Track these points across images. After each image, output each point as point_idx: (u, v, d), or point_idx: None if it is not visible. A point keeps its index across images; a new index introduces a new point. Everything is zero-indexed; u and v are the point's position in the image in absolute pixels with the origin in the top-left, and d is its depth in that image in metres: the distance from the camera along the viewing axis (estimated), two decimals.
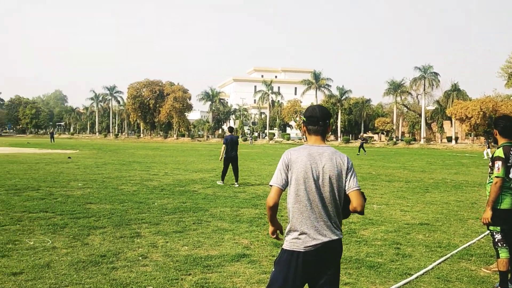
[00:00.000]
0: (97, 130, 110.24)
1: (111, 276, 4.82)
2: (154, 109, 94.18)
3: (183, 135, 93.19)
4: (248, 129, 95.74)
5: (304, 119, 3.05)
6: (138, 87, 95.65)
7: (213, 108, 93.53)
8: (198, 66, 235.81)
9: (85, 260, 5.35)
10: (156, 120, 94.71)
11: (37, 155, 26.86)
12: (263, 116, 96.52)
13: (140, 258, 5.53)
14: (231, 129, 14.40)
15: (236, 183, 13.26)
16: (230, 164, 13.39)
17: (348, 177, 2.92)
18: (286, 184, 2.90)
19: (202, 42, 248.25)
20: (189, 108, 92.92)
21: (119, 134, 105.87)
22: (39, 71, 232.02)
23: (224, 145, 13.35)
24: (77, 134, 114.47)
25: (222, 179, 13.55)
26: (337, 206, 2.92)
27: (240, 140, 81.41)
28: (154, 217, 8.13)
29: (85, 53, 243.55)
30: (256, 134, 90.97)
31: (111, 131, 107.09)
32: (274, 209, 2.88)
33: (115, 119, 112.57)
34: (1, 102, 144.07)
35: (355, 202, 2.88)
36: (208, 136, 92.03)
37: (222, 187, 12.89)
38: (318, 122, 3.00)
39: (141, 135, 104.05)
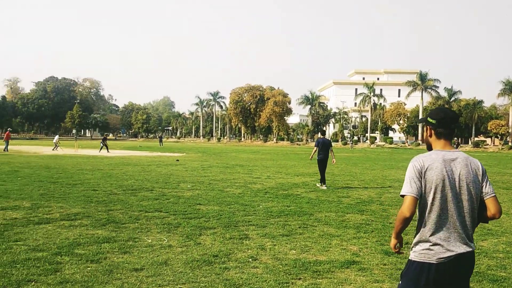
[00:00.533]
0: (201, 134, 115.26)
1: (224, 276, 4.96)
2: (254, 113, 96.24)
3: (282, 139, 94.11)
4: (348, 133, 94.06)
5: (433, 121, 2.87)
6: (239, 92, 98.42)
7: (313, 112, 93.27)
8: (298, 70, 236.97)
9: (199, 259, 5.57)
10: (257, 124, 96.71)
11: (148, 158, 28.71)
12: (364, 119, 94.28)
13: (250, 259, 5.63)
14: (323, 132, 15.90)
15: (319, 183, 13.90)
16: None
17: (484, 183, 2.75)
18: (420, 193, 2.71)
19: (301, 45, 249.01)
20: (289, 112, 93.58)
21: (221, 138, 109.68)
22: (150, 78, 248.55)
23: (315, 147, 14.10)
24: (183, 138, 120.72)
25: (323, 182, 13.74)
26: (473, 216, 2.73)
27: (340, 144, 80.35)
28: (260, 219, 8.25)
29: (191, 61, 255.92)
30: (356, 138, 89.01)
31: (214, 135, 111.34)
32: (408, 221, 2.70)
33: (218, 123, 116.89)
34: (116, 108, 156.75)
35: (493, 209, 2.72)
36: (307, 140, 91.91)
37: (325, 191, 12.76)
38: (450, 125, 2.83)
39: (242, 139, 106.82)
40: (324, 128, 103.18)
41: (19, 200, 9.83)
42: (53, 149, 37.39)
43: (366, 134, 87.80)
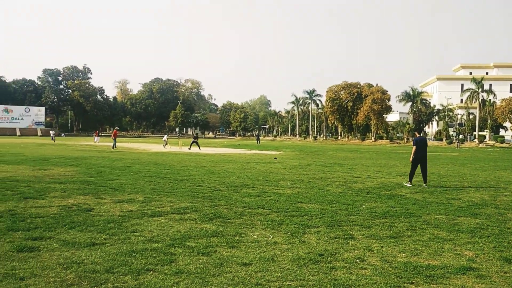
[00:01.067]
0: (297, 133, 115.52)
1: (331, 275, 4.89)
2: (352, 111, 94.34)
3: (381, 137, 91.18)
4: (454, 131, 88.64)
5: None
6: (336, 90, 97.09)
7: (414, 109, 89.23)
8: (399, 66, 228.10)
9: (305, 257, 5.55)
10: (354, 122, 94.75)
11: (247, 156, 29.35)
12: (471, 116, 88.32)
13: (357, 260, 5.50)
14: (420, 130, 15.77)
15: (424, 184, 13.36)
16: (419, 165, 13.51)
17: None
18: None
19: (402, 40, 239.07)
20: (388, 109, 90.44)
21: (318, 136, 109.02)
22: (247, 78, 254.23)
23: (414, 146, 13.48)
24: (279, 136, 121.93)
25: (410, 180, 13.56)
26: None
27: (444, 143, 75.99)
28: (365, 220, 8.04)
29: (286, 59, 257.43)
30: (462, 136, 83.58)
31: (310, 133, 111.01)
32: None
33: (314, 121, 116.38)
34: (215, 108, 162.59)
35: None
36: (408, 139, 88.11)
37: (432, 192, 12.10)
38: None
39: (339, 137, 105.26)
40: (427, 126, 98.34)
41: (133, 193, 10.54)
42: (164, 146, 39.63)
43: (474, 133, 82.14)
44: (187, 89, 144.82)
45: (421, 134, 14.73)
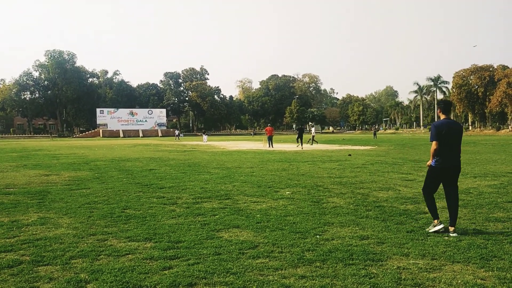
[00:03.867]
0: (421, 124, 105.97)
1: None
2: (483, 98, 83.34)
3: None
4: None
5: None
6: (464, 75, 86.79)
7: None
8: None
9: None
10: (487, 110, 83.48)
11: (320, 153, 25.62)
12: None
13: None
14: (446, 108, 6.45)
15: (450, 229, 7.11)
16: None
17: None
18: None
19: None
20: None
21: None
22: (370, 69, 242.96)
23: (434, 141, 6.30)
24: (401, 128, 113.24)
25: (433, 215, 6.63)
26: None
27: None
28: None
29: (412, 46, 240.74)
30: None
31: None
32: None
33: None
34: (336, 101, 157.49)
35: None
36: None
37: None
38: None
39: (469, 128, 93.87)
40: None
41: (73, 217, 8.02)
42: (311, 143, 36.82)
43: None
44: (304, 84, 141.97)
45: (448, 116, 6.36)
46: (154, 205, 8.36)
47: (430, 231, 6.15)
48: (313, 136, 38.36)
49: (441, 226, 6.11)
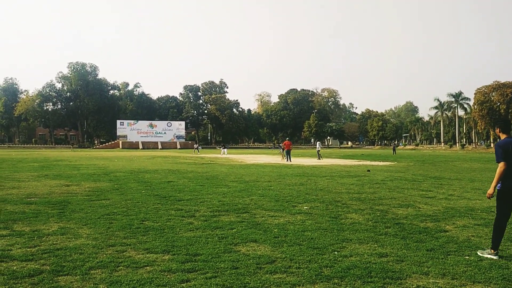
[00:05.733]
0: (442, 140, 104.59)
1: None
2: (506, 115, 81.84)
3: None
4: None
5: None
6: (486, 92, 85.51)
7: None
8: None
9: None
10: None
11: (340, 168, 25.47)
12: None
13: None
14: (506, 127, 6.19)
15: None
16: None
17: None
18: None
19: None
20: None
21: (466, 144, 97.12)
22: (390, 84, 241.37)
23: (501, 162, 5.97)
24: (422, 144, 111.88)
25: (494, 246, 6.00)
26: None
27: None
28: None
29: (433, 62, 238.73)
30: None
31: (457, 141, 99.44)
32: None
33: (463, 127, 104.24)
34: (355, 116, 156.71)
35: None
36: None
37: None
38: None
39: (491, 145, 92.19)
40: None
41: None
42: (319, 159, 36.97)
43: None
44: (323, 98, 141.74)
45: (509, 135, 5.97)
46: (172, 217, 8.40)
47: (480, 254, 5.87)
48: (319, 151, 38.97)
49: (497, 257, 5.72)
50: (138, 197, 11.32)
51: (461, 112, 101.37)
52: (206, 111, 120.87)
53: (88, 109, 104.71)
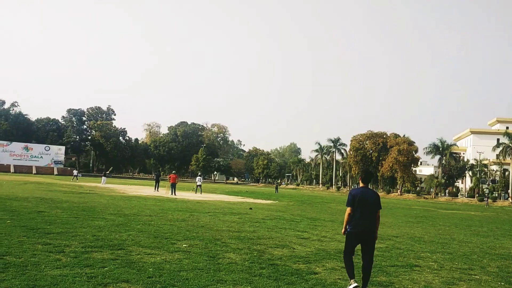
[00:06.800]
0: (320, 182, 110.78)
1: None
2: (377, 162, 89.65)
3: (409, 191, 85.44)
4: (487, 188, 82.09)
5: None
6: (361, 139, 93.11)
7: (443, 163, 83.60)
8: (428, 118, 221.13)
9: None
10: (379, 174, 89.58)
11: (225, 204, 25.68)
12: (506, 173, 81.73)
13: None
14: (366, 178, 7.14)
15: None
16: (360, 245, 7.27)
17: None
18: None
19: (432, 91, 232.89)
20: (415, 162, 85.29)
21: (342, 187, 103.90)
22: (276, 126, 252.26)
23: (348, 207, 6.78)
24: (302, 185, 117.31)
25: (350, 275, 6.81)
26: None
27: (475, 200, 69.87)
28: None
29: (315, 108, 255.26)
30: (496, 194, 76.95)
31: (333, 183, 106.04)
32: None
33: (339, 171, 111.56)
34: (242, 153, 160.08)
35: None
36: (436, 194, 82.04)
37: None
38: None
39: (376, 192, 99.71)
40: (460, 182, 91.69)
41: None
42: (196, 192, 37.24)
43: (508, 191, 75.47)
44: (212, 133, 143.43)
45: (366, 185, 6.98)
46: (38, 252, 7.76)
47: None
48: (199, 186, 38.93)
49: (355, 285, 6.38)
50: (1, 228, 10.29)
51: (338, 157, 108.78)
52: (90, 137, 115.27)
53: None
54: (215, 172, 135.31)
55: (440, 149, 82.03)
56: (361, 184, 6.94)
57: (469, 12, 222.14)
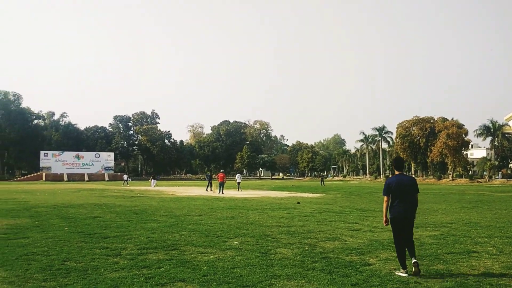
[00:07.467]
0: (367, 172, 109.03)
1: None
2: (425, 148, 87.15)
3: (461, 176, 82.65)
4: None
5: None
6: (407, 126, 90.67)
7: (496, 144, 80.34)
8: (476, 99, 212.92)
9: None
10: (428, 160, 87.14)
11: (271, 199, 25.74)
12: None
13: None
14: (399, 165, 7.34)
15: (413, 260, 6.90)
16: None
17: None
18: None
19: (478, 70, 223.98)
20: (465, 145, 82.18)
21: (390, 175, 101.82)
22: (319, 118, 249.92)
23: (385, 196, 7.13)
24: (349, 176, 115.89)
25: (402, 265, 6.95)
26: None
27: None
28: None
29: (359, 96, 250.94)
30: None
31: (381, 173, 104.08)
32: None
33: (386, 160, 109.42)
34: (286, 148, 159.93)
35: None
36: (490, 177, 78.95)
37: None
38: None
39: (413, 176, 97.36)
40: None
41: None
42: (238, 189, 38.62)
43: None
44: (255, 130, 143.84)
45: (401, 171, 7.16)
46: (96, 256, 8.06)
47: (396, 273, 6.88)
48: (238, 183, 39.79)
49: (406, 275, 6.71)
50: (60, 234, 10.76)
51: (384, 145, 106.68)
52: (136, 142, 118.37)
53: (10, 139, 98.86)
54: (260, 169, 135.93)
55: (492, 130, 78.91)
56: (396, 172, 7.21)
57: None
